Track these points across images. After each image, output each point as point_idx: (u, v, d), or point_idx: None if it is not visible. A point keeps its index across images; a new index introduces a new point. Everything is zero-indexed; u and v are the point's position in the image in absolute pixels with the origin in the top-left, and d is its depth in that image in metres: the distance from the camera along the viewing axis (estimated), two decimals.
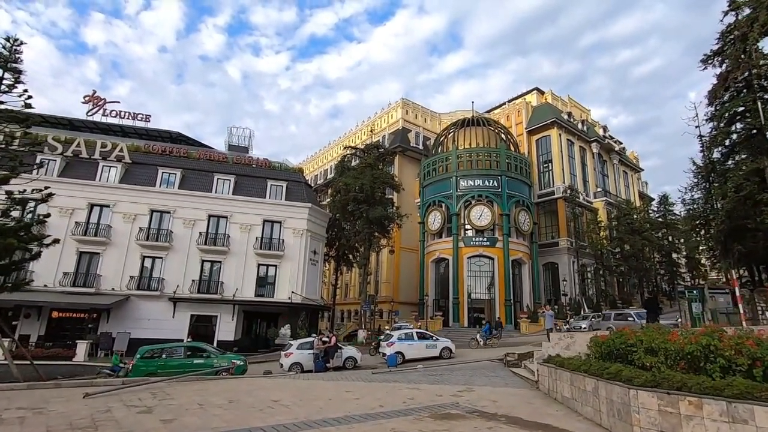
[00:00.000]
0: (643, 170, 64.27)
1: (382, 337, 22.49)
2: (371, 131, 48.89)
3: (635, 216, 44.21)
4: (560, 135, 48.48)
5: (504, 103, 58.19)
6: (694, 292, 26.08)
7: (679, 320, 18.64)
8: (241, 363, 16.16)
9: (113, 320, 26.80)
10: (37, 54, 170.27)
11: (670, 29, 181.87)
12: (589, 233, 42.42)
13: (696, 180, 25.76)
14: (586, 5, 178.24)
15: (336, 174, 39.47)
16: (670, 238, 47.69)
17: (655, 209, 50.74)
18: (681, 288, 28.79)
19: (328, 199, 42.57)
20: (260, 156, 34.25)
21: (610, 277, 43.57)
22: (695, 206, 25.97)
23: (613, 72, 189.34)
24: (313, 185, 51.67)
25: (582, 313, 35.27)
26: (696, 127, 27.45)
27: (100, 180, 28.95)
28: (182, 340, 24.08)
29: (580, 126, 52.71)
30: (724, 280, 29.67)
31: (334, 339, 17.55)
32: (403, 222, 35.81)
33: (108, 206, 28.51)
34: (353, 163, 38.53)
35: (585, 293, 40.48)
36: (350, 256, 39.94)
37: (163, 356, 15.78)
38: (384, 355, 18.68)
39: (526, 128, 50.72)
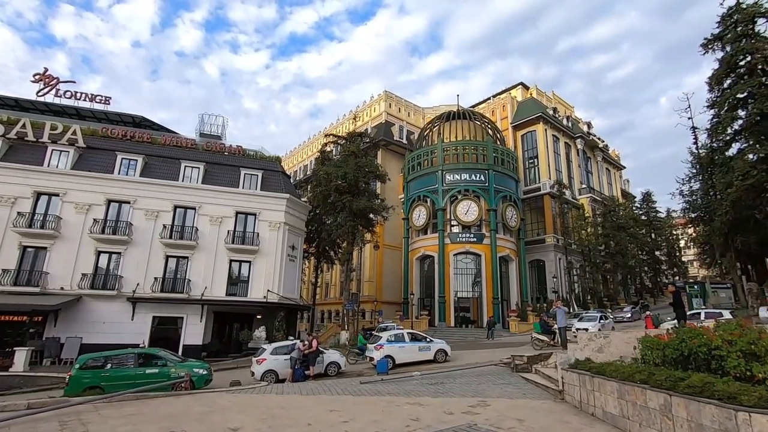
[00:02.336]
0: (625, 167, 64.52)
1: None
2: (354, 120, 46.59)
3: (621, 212, 43.68)
4: (546, 130, 47.56)
5: (489, 98, 57.03)
6: (696, 287, 25.39)
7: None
8: (204, 372, 13.69)
9: (62, 323, 23.66)
10: (3, 46, 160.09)
11: (642, 35, 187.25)
12: (576, 229, 41.51)
13: (694, 171, 24.73)
14: (564, 10, 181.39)
15: (317, 165, 36.99)
16: (652, 236, 47.48)
17: (638, 206, 50.53)
18: (681, 283, 27.84)
19: (309, 195, 40.05)
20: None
21: (596, 274, 42.90)
22: (693, 198, 24.95)
23: (589, 76, 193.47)
24: (292, 181, 48.90)
25: (571, 311, 34.09)
26: (689, 118, 26.67)
27: (48, 166, 25.65)
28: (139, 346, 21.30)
29: (565, 122, 52.02)
30: (718, 275, 29.19)
31: (315, 343, 15.32)
32: (389, 215, 33.60)
33: (57, 195, 25.25)
34: (335, 154, 36.15)
35: (573, 291, 39.46)
36: (332, 253, 37.61)
37: (109, 366, 13.16)
38: (371, 359, 16.55)
39: (511, 123, 49.57)
